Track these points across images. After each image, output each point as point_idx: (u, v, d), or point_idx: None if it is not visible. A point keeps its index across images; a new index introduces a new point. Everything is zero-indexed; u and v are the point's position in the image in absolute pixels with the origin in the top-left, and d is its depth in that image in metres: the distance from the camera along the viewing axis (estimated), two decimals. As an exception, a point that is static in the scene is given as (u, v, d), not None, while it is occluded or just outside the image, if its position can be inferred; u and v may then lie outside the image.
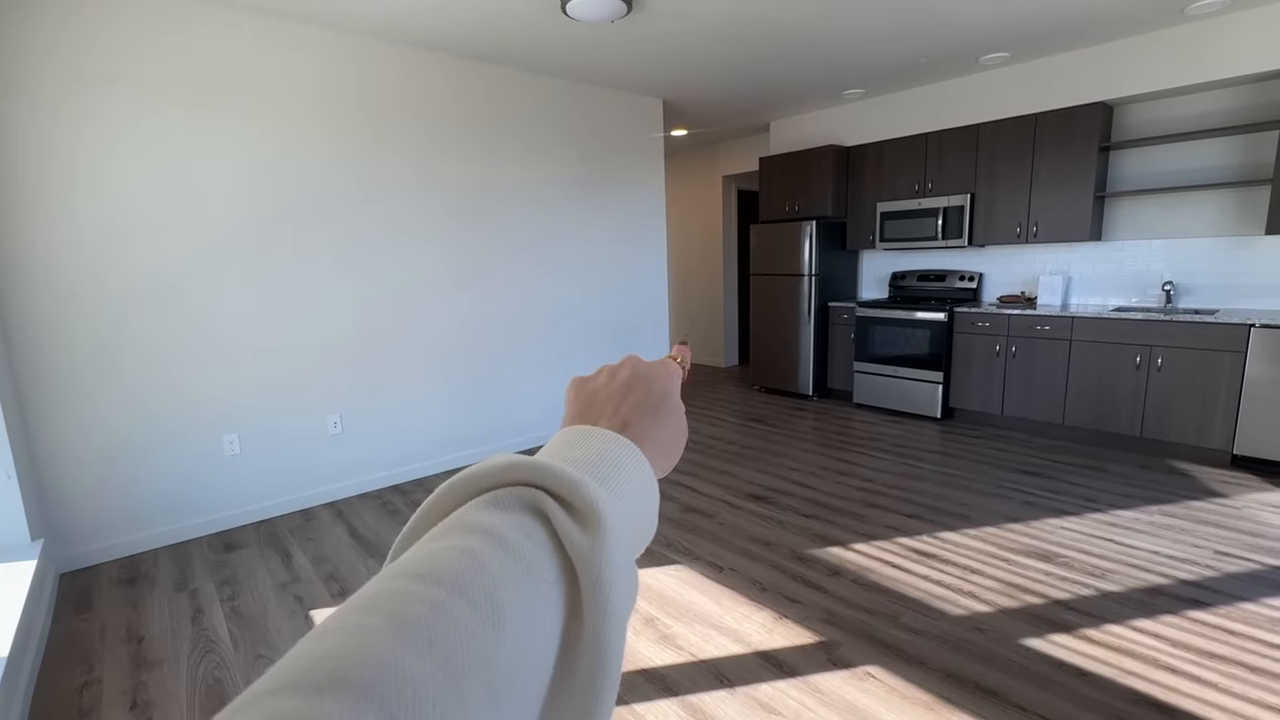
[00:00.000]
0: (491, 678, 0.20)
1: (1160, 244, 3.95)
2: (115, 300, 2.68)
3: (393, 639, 0.18)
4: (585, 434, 0.33)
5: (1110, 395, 3.81)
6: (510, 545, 0.23)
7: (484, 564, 0.22)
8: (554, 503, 0.26)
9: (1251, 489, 3.14)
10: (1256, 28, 3.32)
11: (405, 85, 3.46)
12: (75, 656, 2.07)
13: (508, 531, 0.24)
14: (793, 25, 3.36)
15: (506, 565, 0.23)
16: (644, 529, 0.32)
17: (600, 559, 0.24)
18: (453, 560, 0.22)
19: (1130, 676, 1.80)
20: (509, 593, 0.22)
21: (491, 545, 0.23)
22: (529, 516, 0.25)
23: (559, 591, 0.24)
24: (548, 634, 0.23)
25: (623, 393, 0.37)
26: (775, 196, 5.54)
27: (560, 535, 0.25)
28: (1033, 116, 4.11)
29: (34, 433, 2.55)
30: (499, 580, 0.22)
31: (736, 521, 2.95)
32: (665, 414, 0.38)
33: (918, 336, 4.59)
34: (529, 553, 0.24)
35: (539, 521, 0.25)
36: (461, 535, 0.24)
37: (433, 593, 0.20)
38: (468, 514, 0.25)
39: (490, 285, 3.93)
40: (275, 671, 0.17)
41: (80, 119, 2.55)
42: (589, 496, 0.26)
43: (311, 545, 2.83)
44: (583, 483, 0.26)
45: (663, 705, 1.75)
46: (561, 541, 0.25)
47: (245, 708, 0.16)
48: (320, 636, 0.19)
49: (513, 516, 0.25)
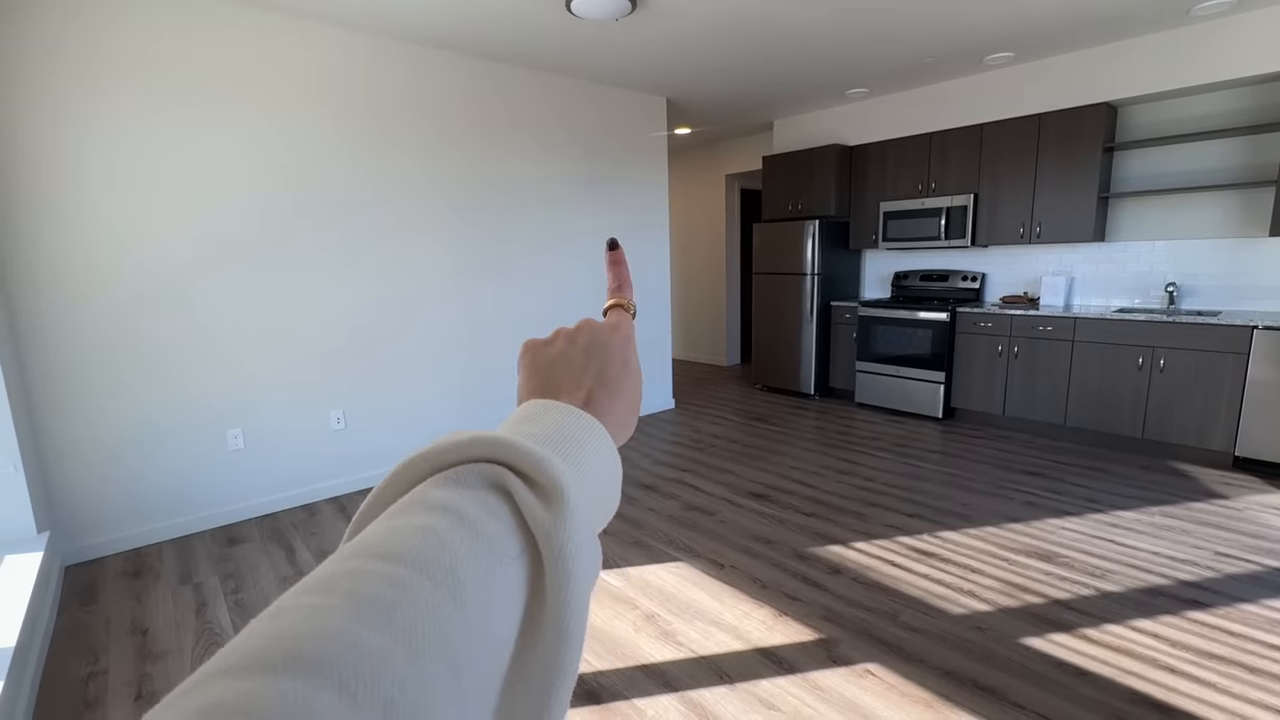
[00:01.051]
0: (453, 653, 0.19)
1: (1163, 245, 3.94)
2: (121, 296, 2.70)
3: (350, 616, 0.18)
4: (546, 408, 0.33)
5: (1112, 396, 3.81)
6: (472, 521, 0.23)
7: (445, 540, 0.22)
8: (516, 478, 0.25)
9: (1253, 491, 3.14)
10: (1262, 29, 3.32)
11: (414, 83, 3.47)
12: (81, 648, 2.08)
13: (469, 508, 0.24)
14: (797, 25, 3.36)
15: (468, 541, 0.22)
16: (607, 504, 0.32)
17: (563, 534, 0.24)
18: (413, 537, 0.22)
19: (1129, 676, 1.81)
20: (470, 568, 0.22)
21: (452, 522, 0.23)
22: (491, 492, 0.25)
23: (522, 567, 0.24)
24: (510, 609, 0.23)
25: (583, 362, 0.37)
26: (778, 195, 5.54)
27: (523, 511, 0.25)
28: (1037, 117, 4.11)
29: (40, 426, 2.57)
30: (460, 556, 0.22)
31: (738, 519, 2.96)
32: (625, 382, 0.37)
33: (920, 336, 4.60)
34: (491, 529, 0.24)
35: (501, 497, 0.25)
36: (422, 512, 0.23)
37: (392, 570, 0.20)
38: (428, 491, 0.25)
39: (494, 282, 3.94)
40: (226, 652, 0.17)
41: (88, 116, 2.56)
42: (552, 472, 0.25)
43: (314, 540, 2.85)
44: (546, 458, 0.26)
45: (663, 700, 1.76)
46: (524, 517, 0.25)
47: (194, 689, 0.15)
48: (274, 616, 0.18)
49: (474, 493, 0.25)
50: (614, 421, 0.35)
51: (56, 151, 2.52)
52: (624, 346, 0.39)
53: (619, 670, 1.89)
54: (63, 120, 2.52)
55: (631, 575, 2.45)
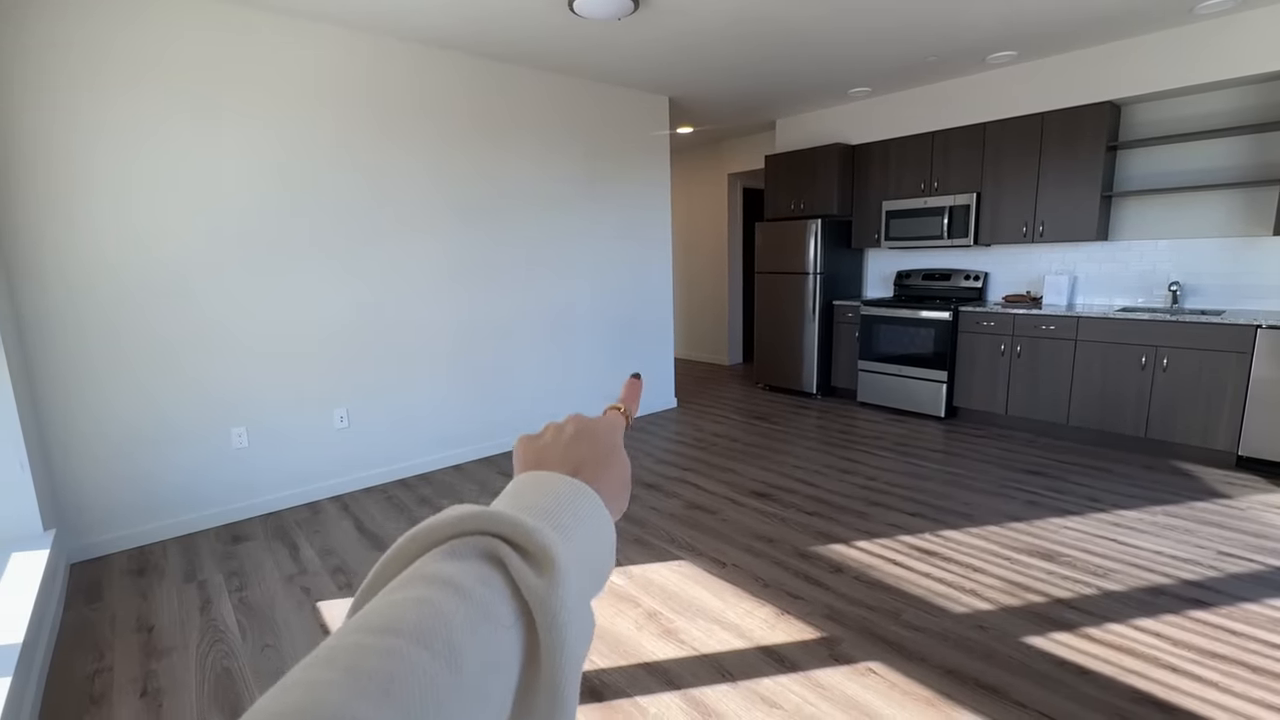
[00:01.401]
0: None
1: (1167, 244, 3.93)
2: (126, 296, 2.71)
3: (349, 692, 0.19)
4: (539, 479, 0.34)
5: (1115, 395, 3.80)
6: (467, 592, 0.24)
7: (441, 612, 0.23)
8: (509, 549, 0.27)
9: (1256, 490, 3.13)
10: (1266, 27, 3.31)
11: (417, 83, 3.48)
12: (86, 645, 2.10)
13: (464, 579, 0.25)
14: (799, 24, 3.36)
15: (464, 612, 0.23)
16: (600, 567, 0.33)
17: (555, 600, 0.25)
18: (410, 610, 0.23)
19: (1131, 675, 1.81)
20: (466, 638, 0.23)
21: (449, 593, 0.24)
22: (485, 564, 0.26)
23: (517, 635, 0.25)
24: (506, 675, 0.24)
25: (570, 444, 0.39)
26: (780, 194, 5.54)
27: (516, 580, 0.26)
28: (1040, 115, 4.10)
29: (46, 424, 2.58)
30: (456, 627, 0.23)
31: (739, 518, 2.96)
32: (611, 462, 0.39)
33: (922, 335, 4.59)
34: (486, 598, 0.25)
35: (495, 568, 0.26)
36: (420, 585, 0.24)
37: (390, 643, 0.21)
38: (425, 565, 0.26)
39: (497, 282, 3.95)
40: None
41: (94, 119, 2.57)
42: (542, 541, 0.27)
43: (318, 538, 2.86)
44: (536, 528, 0.27)
45: (665, 698, 1.76)
46: (518, 586, 0.26)
47: None
48: (278, 694, 0.19)
49: (469, 565, 0.26)
50: (604, 492, 0.36)
51: (65, 153, 2.53)
52: (610, 433, 0.41)
53: (621, 668, 1.90)
54: (70, 123, 2.53)
55: (634, 573, 2.46)
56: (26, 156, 2.47)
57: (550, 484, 0.34)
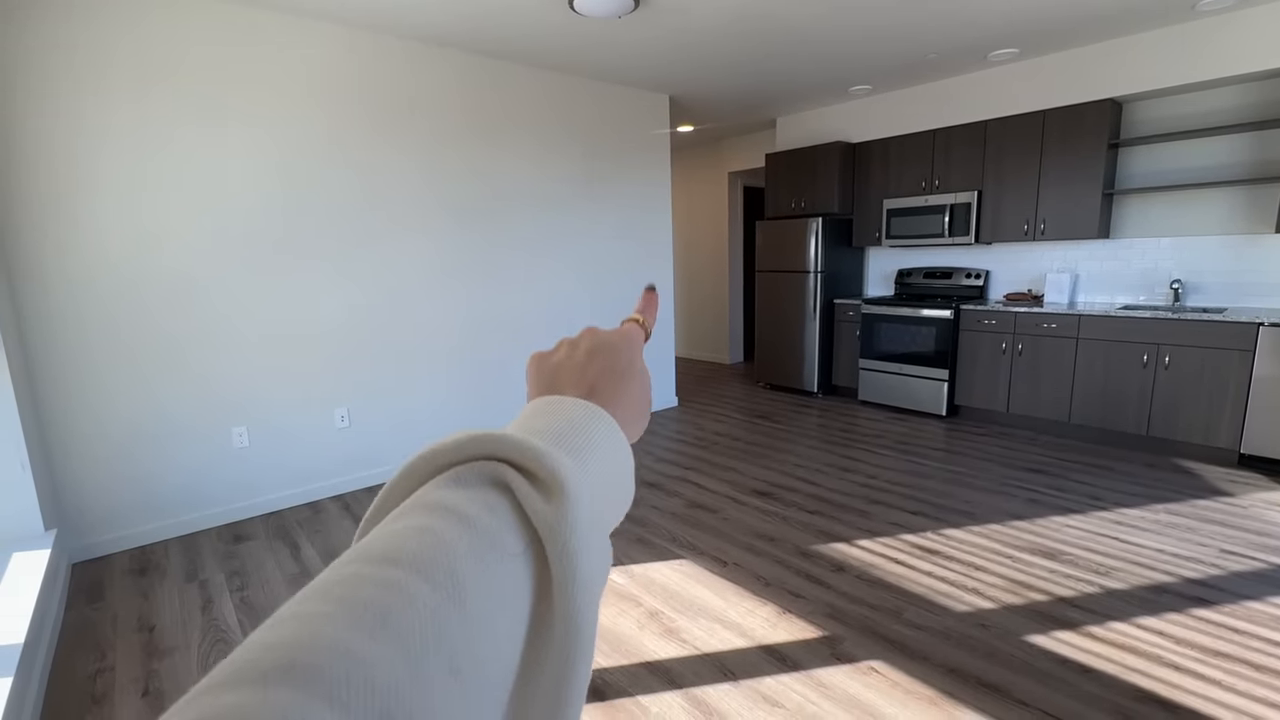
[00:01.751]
0: (453, 656, 0.19)
1: (1169, 242, 3.93)
2: (126, 296, 2.71)
3: (344, 624, 0.18)
4: (551, 402, 0.32)
5: (1117, 394, 3.79)
6: (471, 520, 0.23)
7: (443, 541, 0.22)
8: (516, 474, 0.25)
9: (1258, 488, 3.13)
10: (1268, 24, 3.30)
11: (416, 81, 3.47)
12: (88, 644, 2.10)
13: (469, 507, 0.23)
14: (799, 22, 3.35)
15: (468, 540, 0.22)
16: (619, 495, 0.31)
17: (565, 527, 0.24)
18: (410, 539, 0.22)
19: (1134, 673, 1.81)
20: (471, 568, 0.21)
21: (451, 522, 0.23)
22: (492, 490, 0.25)
23: (526, 564, 0.23)
24: (515, 609, 0.23)
25: (584, 362, 0.37)
26: (781, 193, 5.53)
27: (524, 506, 0.24)
28: (1041, 113, 4.09)
29: (46, 424, 2.58)
30: (460, 556, 0.21)
31: (741, 517, 2.96)
32: (629, 380, 0.37)
33: (923, 334, 4.59)
34: (492, 526, 0.23)
35: (502, 494, 0.25)
36: (421, 514, 0.23)
37: (388, 573, 0.20)
38: (428, 493, 0.24)
39: (497, 281, 3.94)
40: (223, 665, 0.17)
41: (99, 122, 2.57)
42: (551, 465, 0.25)
43: (319, 538, 2.86)
44: (545, 452, 0.25)
45: (667, 697, 1.76)
46: (526, 513, 0.24)
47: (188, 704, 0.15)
48: (271, 626, 0.18)
49: (474, 491, 0.24)
50: (622, 414, 0.34)
51: (68, 154, 2.53)
52: (629, 348, 0.39)
53: (623, 667, 1.90)
54: (75, 126, 2.53)
55: (635, 572, 2.46)
56: (30, 157, 2.47)
57: (562, 407, 0.32)
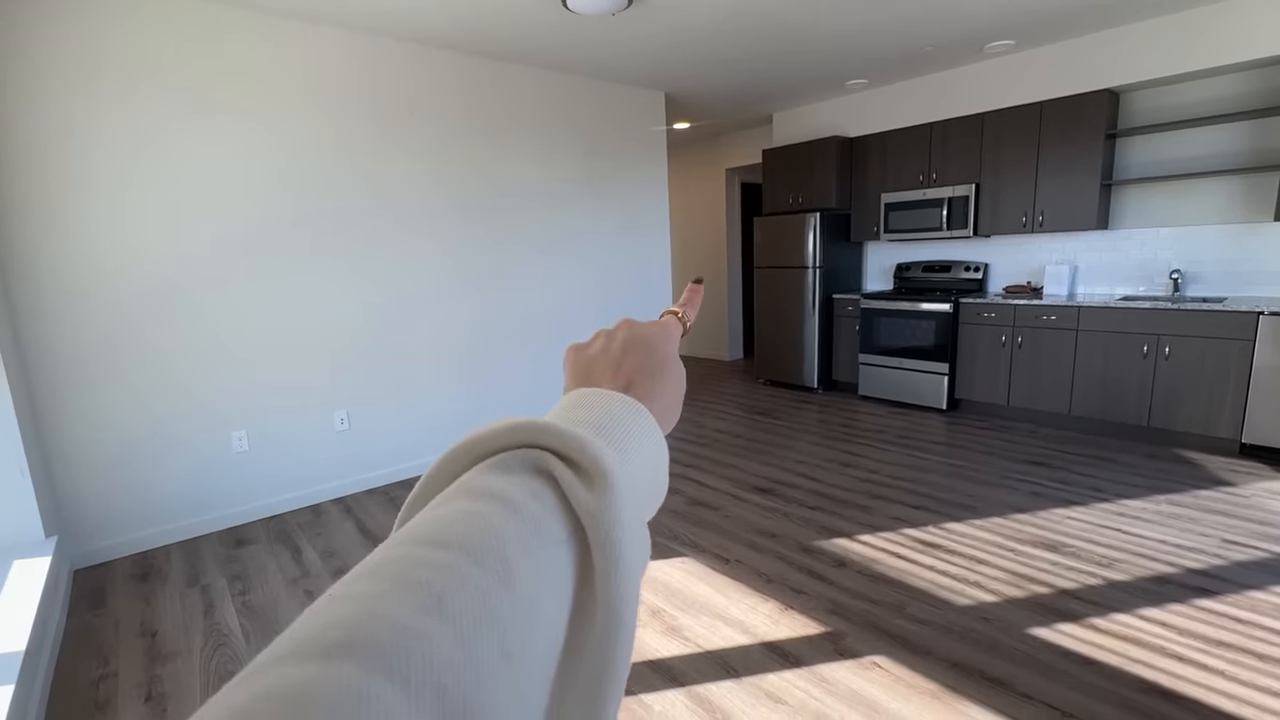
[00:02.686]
0: (504, 638, 0.19)
1: (1168, 232, 3.92)
2: (125, 300, 2.70)
3: (400, 602, 0.18)
4: (588, 395, 0.33)
5: (1117, 385, 3.79)
6: (517, 506, 0.23)
7: (491, 525, 0.22)
8: (560, 462, 0.25)
9: (1260, 477, 3.12)
10: (1264, 12, 3.28)
11: (414, 83, 3.46)
12: (90, 651, 2.10)
13: (514, 493, 0.24)
14: (795, 18, 3.34)
15: (514, 526, 0.22)
16: (655, 487, 0.32)
17: (609, 516, 0.24)
18: (459, 523, 0.22)
19: (1137, 665, 1.81)
20: (518, 553, 0.22)
21: (498, 507, 0.23)
22: (535, 477, 0.25)
23: (569, 551, 0.24)
24: (559, 595, 0.23)
25: (620, 355, 0.37)
26: (779, 189, 5.52)
27: (567, 494, 0.25)
28: (1038, 104, 4.08)
29: (46, 430, 2.58)
30: (508, 541, 0.22)
31: (742, 514, 2.96)
32: (665, 373, 0.37)
33: (923, 328, 4.58)
34: (537, 513, 0.24)
35: (546, 482, 0.25)
36: (467, 499, 0.23)
37: (440, 555, 0.20)
38: (473, 479, 0.25)
39: (496, 281, 3.94)
40: (282, 639, 0.17)
41: (88, 119, 2.56)
42: (594, 454, 0.25)
43: (320, 540, 2.86)
44: (588, 441, 0.26)
45: (670, 695, 1.76)
46: (569, 501, 0.25)
47: (254, 675, 0.16)
48: (328, 604, 0.19)
49: (519, 478, 0.25)
50: (657, 408, 0.34)
51: (61, 155, 2.52)
52: (665, 341, 0.39)
53: (625, 666, 1.89)
54: (69, 122, 2.52)
55: (637, 571, 2.45)
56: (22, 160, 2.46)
57: (599, 400, 0.32)
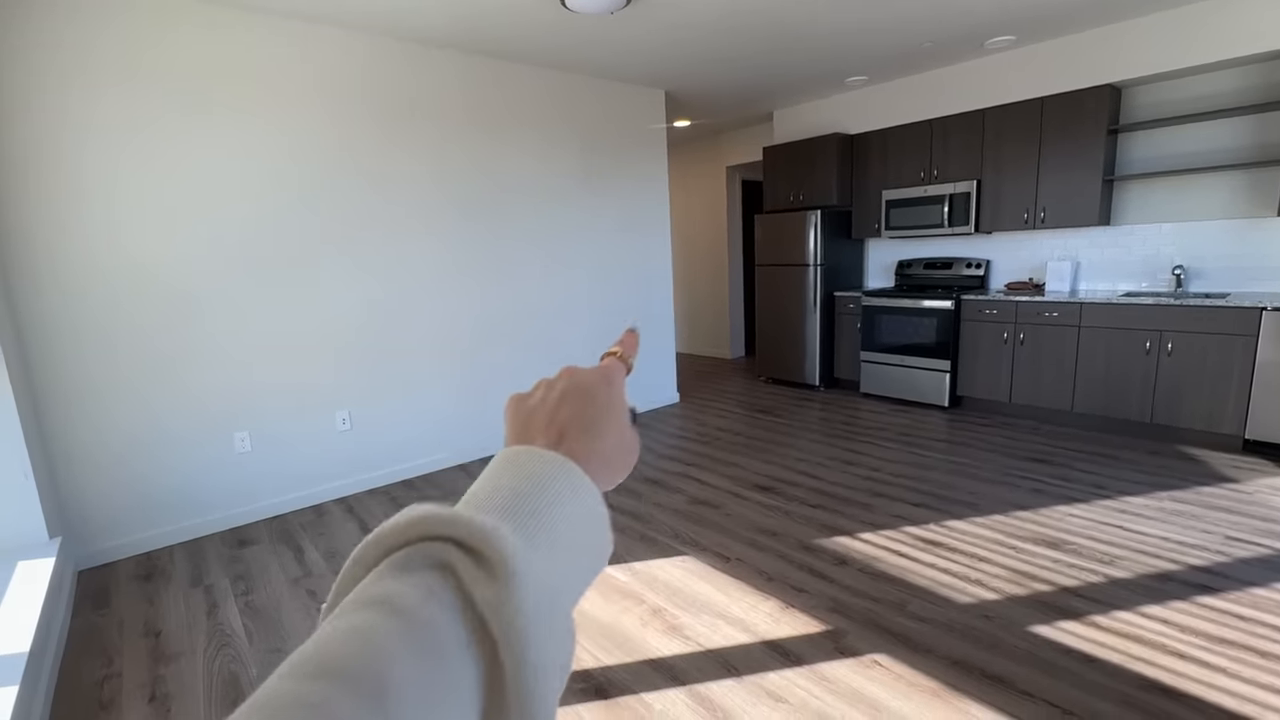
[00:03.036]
0: None
1: (1170, 227, 3.90)
2: (127, 301, 2.71)
3: None
4: (518, 454, 0.32)
5: (1120, 381, 3.78)
6: (408, 613, 0.22)
7: (373, 642, 0.21)
8: (463, 555, 0.24)
9: (1263, 474, 3.11)
10: (1265, 6, 3.26)
11: (414, 82, 3.46)
12: (95, 651, 2.11)
13: (407, 598, 0.22)
14: (793, 15, 3.33)
15: (401, 638, 0.21)
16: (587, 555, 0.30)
17: (510, 609, 0.22)
18: (340, 644, 0.21)
19: (1138, 662, 1.80)
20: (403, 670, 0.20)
21: (384, 617, 0.22)
22: (435, 574, 0.23)
23: (473, 655, 0.22)
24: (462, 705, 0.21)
25: (557, 405, 0.35)
26: (779, 186, 5.51)
27: (470, 590, 0.23)
28: (1039, 100, 4.06)
29: (49, 432, 2.59)
30: (392, 657, 0.20)
31: (743, 512, 2.96)
32: (606, 425, 0.36)
33: (925, 325, 4.57)
34: (432, 618, 0.22)
35: (446, 578, 0.23)
36: (357, 611, 0.22)
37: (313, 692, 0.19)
38: (369, 584, 0.23)
39: (497, 279, 3.94)
40: None
41: (86, 120, 2.57)
42: (497, 544, 0.24)
43: (323, 540, 2.87)
44: (490, 529, 0.24)
45: (670, 694, 1.76)
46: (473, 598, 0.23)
47: None
48: None
49: (417, 577, 0.23)
50: (595, 462, 0.33)
51: (58, 154, 2.53)
52: (606, 388, 0.37)
53: (626, 665, 1.90)
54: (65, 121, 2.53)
55: (638, 569, 2.46)
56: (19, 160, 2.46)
57: (527, 462, 0.30)
